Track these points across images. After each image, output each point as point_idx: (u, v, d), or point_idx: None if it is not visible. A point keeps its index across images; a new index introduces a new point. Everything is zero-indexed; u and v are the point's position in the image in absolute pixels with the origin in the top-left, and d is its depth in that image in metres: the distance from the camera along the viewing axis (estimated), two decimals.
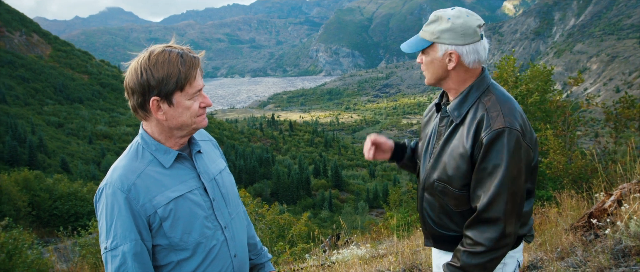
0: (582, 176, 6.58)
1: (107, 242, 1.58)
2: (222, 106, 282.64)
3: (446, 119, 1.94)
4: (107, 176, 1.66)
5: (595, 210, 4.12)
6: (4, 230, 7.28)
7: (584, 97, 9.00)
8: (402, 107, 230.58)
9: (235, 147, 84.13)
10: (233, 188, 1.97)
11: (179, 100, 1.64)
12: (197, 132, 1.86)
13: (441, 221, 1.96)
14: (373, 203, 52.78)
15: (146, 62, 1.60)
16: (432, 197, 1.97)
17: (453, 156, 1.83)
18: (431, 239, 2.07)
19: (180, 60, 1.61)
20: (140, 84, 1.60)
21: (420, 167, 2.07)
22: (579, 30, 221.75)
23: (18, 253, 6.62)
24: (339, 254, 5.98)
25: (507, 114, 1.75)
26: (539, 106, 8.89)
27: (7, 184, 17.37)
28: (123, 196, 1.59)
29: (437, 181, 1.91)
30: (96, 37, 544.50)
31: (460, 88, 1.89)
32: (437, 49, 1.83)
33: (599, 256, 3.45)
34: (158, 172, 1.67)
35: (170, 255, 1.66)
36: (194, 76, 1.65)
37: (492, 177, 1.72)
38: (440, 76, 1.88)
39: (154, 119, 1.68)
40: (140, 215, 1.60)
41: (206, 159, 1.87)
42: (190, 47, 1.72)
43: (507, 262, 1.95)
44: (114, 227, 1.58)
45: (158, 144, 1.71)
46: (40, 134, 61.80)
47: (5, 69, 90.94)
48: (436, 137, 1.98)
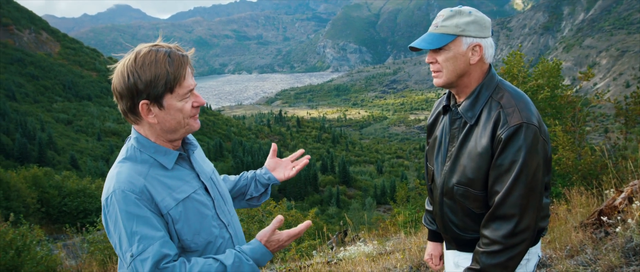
0: (592, 172, 6.51)
1: (131, 249, 1.48)
2: (230, 103, 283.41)
3: (458, 121, 1.90)
4: (112, 183, 1.56)
5: (606, 207, 4.06)
6: (13, 226, 7.32)
7: (594, 92, 8.91)
8: (409, 103, 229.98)
9: (243, 143, 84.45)
10: (225, 187, 1.96)
11: (170, 103, 1.57)
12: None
13: (465, 224, 1.92)
14: (380, 199, 52.77)
15: (132, 64, 1.53)
16: (452, 201, 1.93)
17: (471, 158, 1.80)
18: (454, 243, 2.03)
19: (168, 60, 1.54)
20: (128, 88, 1.53)
21: (434, 172, 2.03)
22: (588, 25, 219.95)
23: (27, 250, 6.65)
24: (346, 251, 5.95)
25: (523, 109, 1.73)
26: (549, 102, 8.80)
27: (17, 181, 17.50)
28: (136, 198, 1.52)
29: (457, 184, 1.87)
30: (104, 35, 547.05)
31: (472, 86, 1.86)
32: (461, 42, 1.79)
33: (609, 254, 3.41)
34: (161, 175, 1.62)
35: (181, 256, 1.62)
36: (183, 76, 1.57)
37: (509, 173, 1.70)
38: (462, 72, 1.83)
39: (146, 122, 1.61)
40: (156, 216, 1.55)
41: (199, 159, 1.84)
42: (178, 45, 1.64)
43: (530, 258, 1.93)
44: (135, 231, 1.49)
45: (157, 146, 1.64)
46: (50, 131, 62.28)
47: (15, 66, 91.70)
48: (449, 140, 1.95)
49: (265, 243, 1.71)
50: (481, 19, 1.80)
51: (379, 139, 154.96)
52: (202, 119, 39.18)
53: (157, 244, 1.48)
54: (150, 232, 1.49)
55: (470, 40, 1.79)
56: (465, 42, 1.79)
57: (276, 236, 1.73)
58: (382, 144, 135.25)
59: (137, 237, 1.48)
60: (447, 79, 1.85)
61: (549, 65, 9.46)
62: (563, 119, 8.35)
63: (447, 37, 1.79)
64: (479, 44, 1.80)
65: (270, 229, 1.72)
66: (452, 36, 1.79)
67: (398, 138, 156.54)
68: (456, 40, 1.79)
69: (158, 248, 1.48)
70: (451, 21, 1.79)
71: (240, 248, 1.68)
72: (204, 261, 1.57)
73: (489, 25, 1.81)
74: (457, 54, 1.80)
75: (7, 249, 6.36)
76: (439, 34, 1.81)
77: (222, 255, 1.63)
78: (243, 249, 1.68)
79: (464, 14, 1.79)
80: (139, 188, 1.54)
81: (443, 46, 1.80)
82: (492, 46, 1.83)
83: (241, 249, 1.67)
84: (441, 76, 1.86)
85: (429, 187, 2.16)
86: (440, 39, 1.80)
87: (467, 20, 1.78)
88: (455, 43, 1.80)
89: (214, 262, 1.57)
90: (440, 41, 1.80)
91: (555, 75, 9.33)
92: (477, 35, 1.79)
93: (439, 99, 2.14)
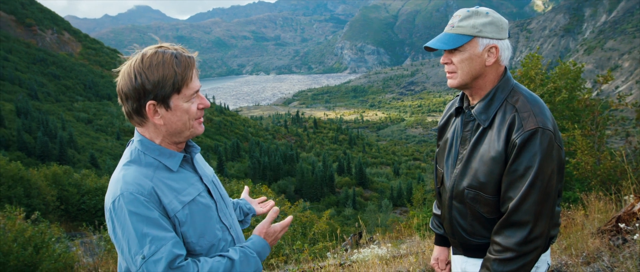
0: (610, 177, 6.39)
1: (143, 251, 1.46)
2: (247, 103, 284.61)
3: (471, 123, 1.88)
4: (119, 186, 1.54)
5: (624, 213, 3.98)
6: (33, 224, 7.45)
7: (615, 95, 8.75)
8: (427, 105, 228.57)
9: (260, 144, 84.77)
10: (225, 189, 1.99)
11: (177, 103, 1.58)
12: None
13: (473, 229, 1.90)
14: (397, 201, 52.53)
15: (139, 65, 1.54)
16: (462, 205, 1.90)
17: (484, 161, 1.78)
18: (461, 248, 2.01)
19: (175, 61, 1.55)
20: (135, 89, 1.53)
21: (444, 174, 2.00)
22: (610, 27, 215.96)
23: (45, 247, 6.76)
24: (360, 254, 5.93)
25: (538, 114, 1.70)
26: (567, 104, 8.66)
27: (37, 178, 17.80)
28: (145, 200, 1.51)
29: (468, 188, 1.84)
30: (124, 35, 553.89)
31: (487, 88, 1.84)
32: (477, 43, 1.78)
33: (626, 262, 3.34)
34: (166, 177, 1.62)
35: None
36: (190, 77, 1.59)
37: (523, 179, 1.67)
38: (477, 74, 1.81)
39: (151, 124, 1.62)
40: (165, 217, 1.55)
41: (200, 162, 1.85)
42: (184, 47, 1.66)
43: (539, 265, 1.90)
44: (146, 233, 1.47)
45: (161, 148, 1.64)
46: (70, 130, 63.18)
47: (38, 66, 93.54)
48: (461, 142, 1.92)
49: (264, 236, 1.79)
50: (498, 20, 1.77)
51: (396, 140, 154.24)
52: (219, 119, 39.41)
53: (170, 244, 1.48)
54: (161, 233, 1.48)
55: (487, 42, 1.77)
56: (482, 44, 1.77)
57: (272, 229, 1.82)
58: (399, 145, 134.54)
59: (149, 238, 1.46)
60: (461, 80, 1.83)
61: (568, 68, 9.32)
62: (582, 123, 8.22)
63: (463, 38, 1.77)
64: (495, 46, 1.78)
65: (267, 222, 1.81)
66: (468, 37, 1.77)
67: (415, 140, 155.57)
68: (472, 41, 1.77)
69: (170, 248, 1.47)
70: (468, 22, 1.77)
71: (243, 244, 1.73)
72: (212, 259, 1.59)
73: (506, 26, 1.79)
74: (473, 55, 1.78)
75: (25, 245, 6.47)
76: (455, 35, 1.79)
77: (228, 252, 1.66)
78: (245, 244, 1.73)
79: (481, 15, 1.77)
80: (147, 190, 1.53)
81: (459, 47, 1.78)
82: (508, 48, 1.81)
83: (244, 245, 1.72)
84: (456, 77, 1.84)
85: (437, 190, 2.14)
86: (456, 40, 1.78)
87: (484, 21, 1.76)
88: (471, 44, 1.78)
89: (222, 259, 1.60)
90: (456, 42, 1.78)
91: (574, 78, 9.20)
92: (494, 36, 1.77)
93: (452, 101, 2.11)
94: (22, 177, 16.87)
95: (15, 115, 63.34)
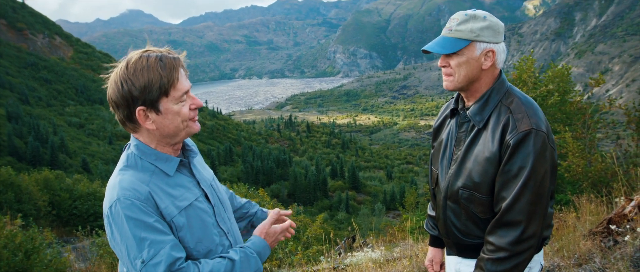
0: (601, 179, 6.43)
1: (142, 255, 1.46)
2: (240, 107, 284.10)
3: (466, 125, 1.90)
4: (115, 191, 1.54)
5: (615, 215, 4.01)
6: (22, 229, 7.38)
7: (606, 98, 8.81)
8: (419, 108, 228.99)
9: (253, 148, 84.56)
10: (225, 193, 1.97)
11: (167, 107, 1.57)
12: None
13: (467, 228, 1.91)
14: (390, 205, 52.48)
15: (124, 72, 1.53)
16: (456, 205, 1.92)
17: (478, 162, 1.79)
18: (455, 248, 2.02)
19: (160, 64, 1.54)
20: (123, 96, 1.53)
21: (439, 175, 2.01)
22: (600, 31, 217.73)
23: (36, 252, 6.70)
24: (353, 257, 5.93)
25: (532, 116, 1.72)
26: (559, 107, 8.72)
27: (28, 183, 17.64)
28: (142, 204, 1.51)
29: (462, 188, 1.86)
30: (117, 39, 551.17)
31: (482, 91, 1.86)
32: (475, 47, 1.79)
33: (618, 263, 3.36)
34: (163, 182, 1.62)
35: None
36: (176, 78, 1.57)
37: (517, 179, 1.69)
38: (474, 77, 1.83)
39: (145, 129, 1.61)
40: (162, 221, 1.54)
41: (199, 166, 1.83)
42: (169, 48, 1.65)
43: (532, 266, 1.92)
44: (144, 237, 1.47)
45: (157, 153, 1.64)
46: (62, 134, 62.73)
47: (29, 70, 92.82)
48: (455, 143, 1.93)
49: (265, 237, 1.79)
50: (495, 24, 1.79)
51: (389, 144, 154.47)
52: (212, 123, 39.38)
53: (168, 247, 1.47)
54: (159, 237, 1.48)
55: (484, 46, 1.78)
56: (479, 48, 1.78)
57: (273, 230, 1.83)
58: (392, 149, 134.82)
59: (147, 242, 1.46)
60: (458, 83, 1.85)
61: (559, 71, 9.39)
62: (573, 126, 8.27)
63: (461, 42, 1.79)
64: (492, 50, 1.79)
65: (268, 223, 1.82)
66: (466, 41, 1.78)
67: (408, 144, 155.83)
68: (470, 46, 1.79)
69: (169, 251, 1.47)
70: (465, 26, 1.78)
71: (243, 244, 1.73)
72: (213, 260, 1.59)
73: (502, 30, 1.81)
74: (470, 59, 1.79)
75: (16, 251, 6.41)
76: (453, 39, 1.80)
77: (228, 253, 1.66)
78: (245, 244, 1.73)
79: (478, 19, 1.78)
80: (144, 195, 1.53)
81: (456, 51, 1.80)
82: (504, 51, 1.83)
83: (244, 245, 1.72)
84: (452, 80, 1.85)
85: (432, 191, 2.15)
86: (454, 44, 1.79)
87: (481, 25, 1.77)
88: (469, 48, 1.79)
89: (222, 260, 1.60)
90: (454, 46, 1.79)
91: (565, 80, 9.26)
92: (491, 40, 1.78)
93: (447, 103, 2.13)
94: (12, 183, 16.70)
95: (5, 120, 62.75)
